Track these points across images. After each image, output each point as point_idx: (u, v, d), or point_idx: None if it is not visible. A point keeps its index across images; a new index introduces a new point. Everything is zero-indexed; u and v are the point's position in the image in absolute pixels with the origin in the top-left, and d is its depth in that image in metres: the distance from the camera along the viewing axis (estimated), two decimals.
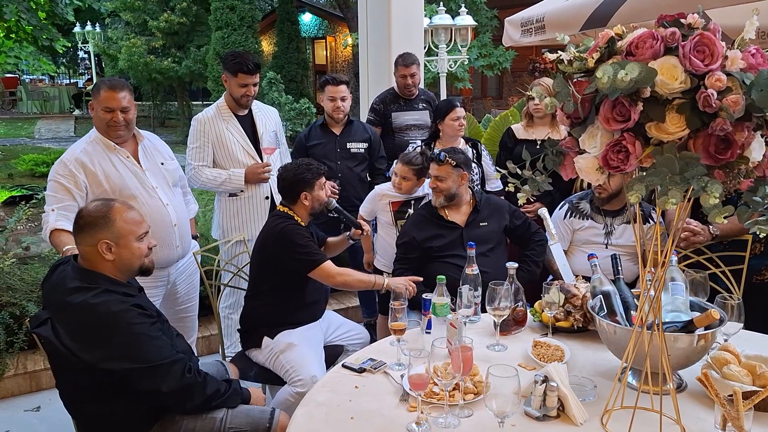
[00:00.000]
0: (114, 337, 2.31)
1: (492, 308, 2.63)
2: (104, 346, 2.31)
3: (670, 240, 1.87)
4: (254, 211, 4.26)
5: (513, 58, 14.84)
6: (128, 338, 2.33)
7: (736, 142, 1.56)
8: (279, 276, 3.30)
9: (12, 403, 4.19)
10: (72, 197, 3.26)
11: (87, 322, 2.32)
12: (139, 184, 3.38)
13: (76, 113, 25.64)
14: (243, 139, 4.21)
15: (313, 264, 3.24)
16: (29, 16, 14.78)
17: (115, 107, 3.29)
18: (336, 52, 22.79)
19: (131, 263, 2.52)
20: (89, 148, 3.35)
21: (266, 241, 3.34)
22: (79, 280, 2.41)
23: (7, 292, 4.34)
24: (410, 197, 4.15)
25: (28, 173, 11.83)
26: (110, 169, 3.33)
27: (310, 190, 3.37)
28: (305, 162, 3.46)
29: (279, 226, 3.30)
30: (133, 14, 17.95)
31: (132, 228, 2.50)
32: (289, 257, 3.24)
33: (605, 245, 3.69)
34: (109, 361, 2.31)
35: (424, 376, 2.07)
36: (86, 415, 2.50)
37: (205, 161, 4.15)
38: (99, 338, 2.31)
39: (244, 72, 4.08)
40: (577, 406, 2.10)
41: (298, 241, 3.26)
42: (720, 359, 2.23)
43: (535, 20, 4.81)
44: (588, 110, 1.73)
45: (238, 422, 2.58)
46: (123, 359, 2.32)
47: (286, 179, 3.40)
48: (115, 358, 2.31)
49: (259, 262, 3.40)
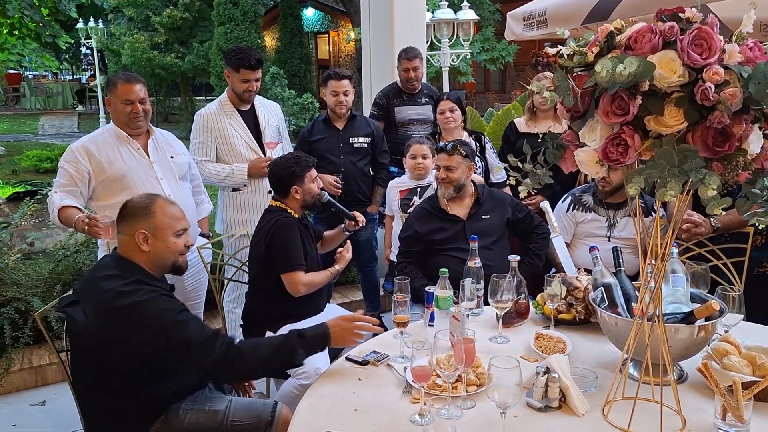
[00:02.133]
0: (145, 320, 2.33)
1: (494, 301, 2.65)
2: (134, 328, 2.33)
3: (670, 231, 1.89)
4: (257, 206, 4.27)
5: (516, 51, 14.82)
6: (160, 321, 2.34)
7: (734, 134, 1.57)
8: (272, 269, 3.31)
9: (18, 397, 4.21)
10: (73, 182, 3.36)
11: (118, 306, 2.34)
12: (144, 175, 3.46)
13: (80, 109, 25.66)
14: (246, 134, 4.22)
15: (288, 267, 3.26)
16: (32, 12, 14.80)
17: (134, 99, 3.42)
18: (339, 47, 22.78)
19: (165, 258, 2.55)
20: (100, 138, 3.46)
21: (260, 236, 3.35)
22: (115, 267, 2.46)
23: (12, 287, 4.36)
24: (418, 184, 4.20)
25: (31, 169, 11.85)
26: (116, 158, 3.42)
27: (301, 184, 3.38)
28: (294, 155, 3.48)
29: (272, 220, 3.33)
30: (136, 10, 17.94)
31: (170, 222, 2.54)
32: (274, 251, 3.26)
33: (608, 238, 3.70)
34: (143, 345, 2.33)
35: (427, 368, 2.08)
36: (96, 404, 2.52)
37: (208, 156, 4.17)
38: (129, 322, 2.32)
39: (246, 67, 4.08)
40: (579, 397, 2.12)
41: (286, 238, 3.28)
42: (720, 350, 2.24)
43: (537, 14, 4.81)
44: (588, 104, 1.74)
45: (241, 416, 2.60)
46: (159, 339, 2.33)
47: (276, 174, 3.42)
48: (148, 341, 2.33)
49: (256, 258, 3.42)
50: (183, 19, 17.54)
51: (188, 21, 17.76)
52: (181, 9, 17.43)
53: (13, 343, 4.23)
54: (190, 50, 17.91)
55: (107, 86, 3.51)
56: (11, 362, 4.23)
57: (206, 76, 18.00)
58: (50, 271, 4.57)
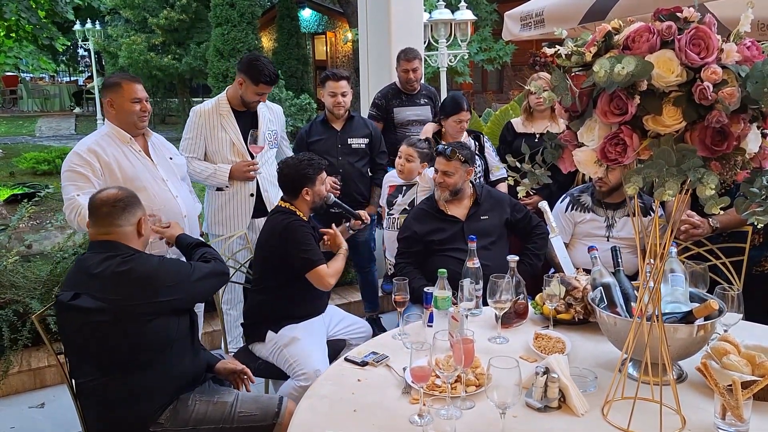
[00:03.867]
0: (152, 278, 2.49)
1: (493, 301, 2.65)
2: (147, 288, 2.46)
3: (668, 231, 1.89)
4: (238, 207, 4.25)
5: (513, 51, 14.82)
6: (167, 267, 2.56)
7: (732, 133, 1.58)
8: (285, 270, 3.30)
9: (16, 400, 4.21)
10: (92, 184, 3.29)
11: (125, 271, 2.45)
12: (150, 176, 3.45)
13: (77, 111, 25.63)
14: (236, 136, 4.15)
15: (311, 265, 3.25)
16: (29, 14, 14.79)
17: (142, 97, 3.44)
18: (336, 48, 22.77)
19: (148, 238, 2.72)
20: (101, 141, 3.41)
21: (271, 237, 3.34)
22: (103, 253, 2.51)
23: (11, 289, 4.35)
24: (403, 183, 4.18)
25: (29, 171, 11.84)
26: (123, 160, 3.39)
27: (312, 186, 3.37)
28: (307, 157, 3.45)
29: (284, 222, 3.30)
30: (133, 11, 17.92)
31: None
32: (292, 254, 3.25)
33: (606, 238, 3.70)
34: (159, 296, 2.47)
35: (426, 368, 2.08)
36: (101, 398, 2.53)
37: (195, 153, 4.13)
38: (138, 285, 2.45)
39: (266, 83, 4.05)
40: (578, 396, 2.12)
41: (303, 239, 3.27)
42: (720, 349, 2.24)
43: (534, 14, 4.81)
44: (586, 104, 1.74)
45: (248, 407, 2.67)
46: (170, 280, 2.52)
47: (288, 175, 3.39)
48: (165, 291, 2.49)
49: (263, 258, 3.42)
50: (180, 21, 17.53)
51: (185, 22, 17.74)
52: (178, 10, 17.41)
53: (11, 345, 4.22)
54: (187, 51, 17.90)
55: (107, 87, 3.47)
56: (10, 364, 4.22)
57: (203, 77, 17.94)
58: (48, 273, 4.55)
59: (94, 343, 2.46)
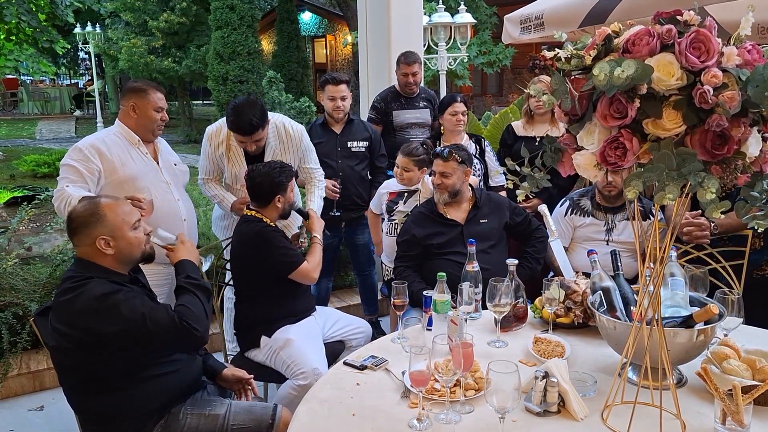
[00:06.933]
0: (96, 310, 2.32)
1: (492, 305, 2.64)
2: (90, 320, 2.32)
3: (668, 235, 1.88)
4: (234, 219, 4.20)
5: (513, 55, 14.82)
6: (107, 306, 2.33)
7: (733, 137, 1.57)
8: (264, 275, 3.30)
9: (15, 402, 4.21)
10: (83, 180, 3.28)
11: (67, 309, 2.35)
12: (154, 178, 3.47)
13: (77, 114, 25.66)
14: (240, 168, 3.99)
15: (293, 265, 3.27)
16: (29, 18, 14.78)
17: (164, 107, 3.51)
18: (336, 51, 22.81)
19: (132, 253, 2.52)
20: (108, 140, 3.41)
21: (243, 246, 3.34)
22: (73, 271, 2.45)
23: (10, 292, 4.35)
24: (404, 189, 4.18)
25: (29, 174, 11.82)
26: (128, 160, 3.40)
27: (284, 193, 3.38)
28: (278, 165, 3.42)
29: (254, 229, 3.29)
30: (133, 14, 17.92)
31: (124, 218, 2.49)
32: (271, 259, 3.26)
33: (606, 242, 3.70)
34: (98, 335, 2.31)
35: (425, 372, 2.08)
36: (91, 411, 2.51)
37: (209, 175, 4.10)
38: (84, 317, 2.32)
39: (239, 132, 3.78)
40: (578, 401, 2.11)
41: (277, 244, 3.28)
42: (720, 354, 2.24)
43: (534, 17, 4.81)
44: (585, 107, 1.74)
45: (241, 419, 2.60)
46: (112, 324, 2.31)
47: (261, 184, 3.35)
48: (103, 326, 2.31)
49: (240, 267, 3.41)
50: (180, 24, 17.53)
51: (185, 25, 17.75)
52: (179, 13, 17.41)
53: (11, 348, 4.22)
54: (187, 54, 17.90)
55: (132, 91, 3.45)
56: (9, 367, 4.22)
57: (203, 80, 17.98)
58: (48, 275, 4.55)
59: (69, 364, 2.44)
